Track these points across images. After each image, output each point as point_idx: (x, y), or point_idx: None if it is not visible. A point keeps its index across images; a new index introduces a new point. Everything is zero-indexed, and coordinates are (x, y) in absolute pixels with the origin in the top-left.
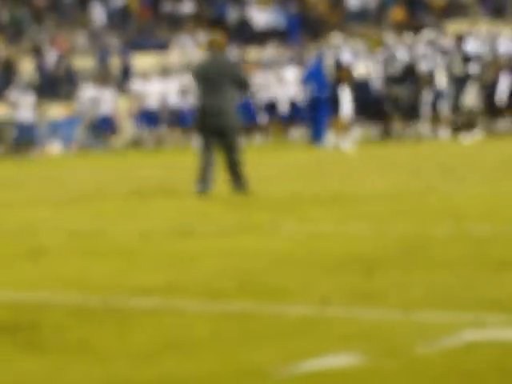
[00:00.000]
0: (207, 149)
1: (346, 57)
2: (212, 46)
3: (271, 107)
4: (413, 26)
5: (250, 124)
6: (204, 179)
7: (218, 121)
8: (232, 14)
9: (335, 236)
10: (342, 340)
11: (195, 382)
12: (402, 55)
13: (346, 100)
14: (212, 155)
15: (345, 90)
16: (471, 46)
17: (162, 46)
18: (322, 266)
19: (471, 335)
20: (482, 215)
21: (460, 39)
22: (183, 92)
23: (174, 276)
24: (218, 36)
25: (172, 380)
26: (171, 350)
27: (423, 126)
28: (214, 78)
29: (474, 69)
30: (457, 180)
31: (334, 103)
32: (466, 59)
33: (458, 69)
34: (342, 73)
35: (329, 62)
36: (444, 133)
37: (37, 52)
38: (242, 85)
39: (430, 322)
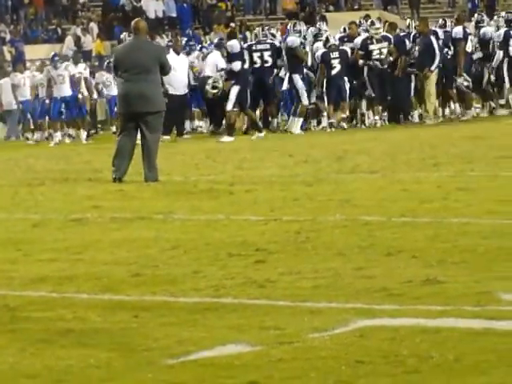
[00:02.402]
0: (127, 134)
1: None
2: (136, 30)
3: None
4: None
5: None
6: (121, 165)
7: (143, 104)
8: (126, 4)
9: (227, 225)
10: (233, 329)
11: (85, 371)
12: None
13: None
14: (132, 141)
15: None
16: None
17: (54, 37)
18: (213, 255)
19: (361, 323)
20: (373, 204)
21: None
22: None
23: (67, 266)
24: (140, 20)
25: (62, 370)
26: (63, 340)
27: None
28: (138, 62)
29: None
30: (348, 168)
31: None
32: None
33: None
34: None
35: None
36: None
37: None
38: (164, 68)
39: (321, 310)
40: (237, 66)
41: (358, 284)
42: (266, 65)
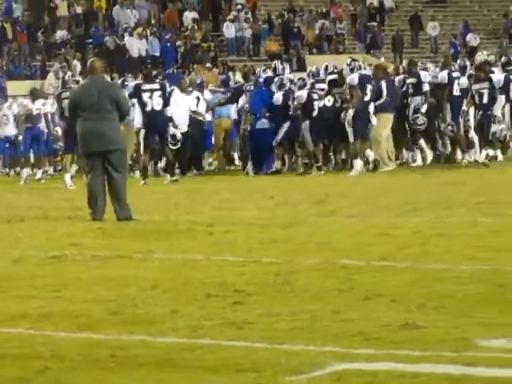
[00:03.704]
0: (95, 173)
1: None
2: (92, 70)
3: None
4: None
5: None
6: (96, 204)
7: (103, 143)
8: (109, 42)
9: (206, 265)
10: (210, 370)
11: None
12: None
13: None
14: (101, 179)
15: None
16: None
17: (37, 74)
18: (192, 295)
19: (339, 366)
20: (351, 247)
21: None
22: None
23: (45, 303)
24: (96, 60)
25: None
26: (40, 378)
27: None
28: (95, 101)
29: None
30: (328, 211)
31: None
32: None
33: None
34: None
35: None
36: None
37: None
38: (121, 107)
39: (298, 352)
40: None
41: (335, 327)
42: None
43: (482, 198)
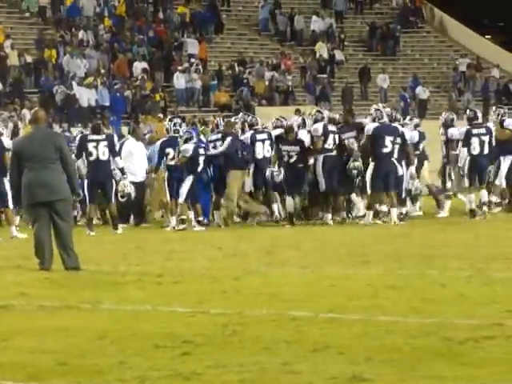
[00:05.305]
0: (41, 223)
1: None
2: (35, 119)
3: None
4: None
5: None
6: (44, 254)
7: (47, 193)
8: (59, 92)
9: (154, 316)
10: None
11: None
12: None
13: None
14: (47, 228)
15: None
16: None
17: None
18: (139, 346)
19: None
20: (301, 299)
21: None
22: None
23: None
24: (40, 109)
25: None
26: None
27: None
28: (39, 151)
29: None
30: (277, 263)
31: None
32: None
33: None
34: None
35: None
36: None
37: None
38: (64, 157)
39: None
40: None
41: (283, 379)
42: None
43: (430, 251)
